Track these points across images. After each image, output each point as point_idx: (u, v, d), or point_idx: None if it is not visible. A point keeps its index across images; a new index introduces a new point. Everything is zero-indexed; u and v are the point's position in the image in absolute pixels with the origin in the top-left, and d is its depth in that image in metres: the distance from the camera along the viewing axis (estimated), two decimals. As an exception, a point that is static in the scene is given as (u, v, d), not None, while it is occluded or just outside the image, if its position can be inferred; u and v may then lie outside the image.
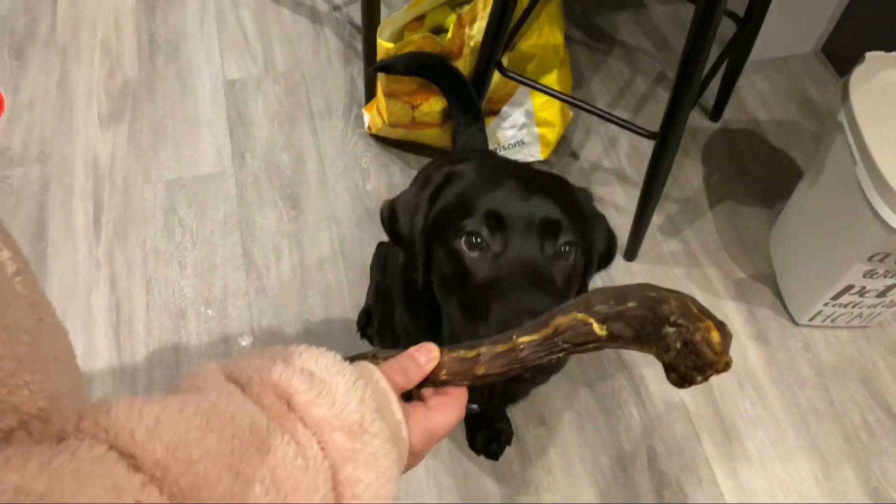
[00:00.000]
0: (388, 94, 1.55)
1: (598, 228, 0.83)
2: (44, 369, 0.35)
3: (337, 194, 1.67)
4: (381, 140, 1.76)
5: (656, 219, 1.64)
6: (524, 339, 0.50)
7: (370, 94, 1.74)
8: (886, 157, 1.17)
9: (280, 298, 1.51)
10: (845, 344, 1.52)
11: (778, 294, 1.57)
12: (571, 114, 1.72)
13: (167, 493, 0.34)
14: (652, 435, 1.39)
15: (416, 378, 0.52)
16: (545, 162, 1.72)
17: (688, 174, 1.76)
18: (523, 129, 1.65)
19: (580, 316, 0.48)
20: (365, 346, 1.45)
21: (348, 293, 1.52)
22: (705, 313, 0.45)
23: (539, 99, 1.60)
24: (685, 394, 1.43)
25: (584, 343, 0.49)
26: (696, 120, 1.85)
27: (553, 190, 0.76)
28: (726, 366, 0.45)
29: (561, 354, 0.50)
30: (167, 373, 1.41)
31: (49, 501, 0.29)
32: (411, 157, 1.74)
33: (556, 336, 0.49)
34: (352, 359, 0.51)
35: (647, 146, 1.37)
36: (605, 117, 1.39)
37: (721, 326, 0.45)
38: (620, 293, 0.48)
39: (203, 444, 0.37)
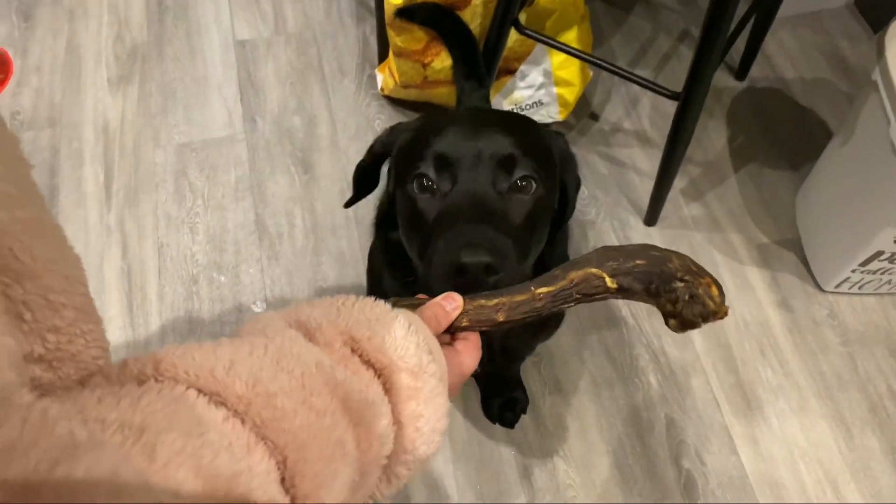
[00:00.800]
0: (398, 54, 1.50)
1: (570, 170, 0.81)
2: (96, 320, 0.37)
3: (350, 158, 1.64)
4: (395, 101, 1.72)
5: (678, 182, 1.60)
6: (542, 289, 0.56)
7: (383, 53, 1.69)
8: (923, 118, 1.11)
9: (293, 265, 1.49)
10: (872, 311, 1.47)
11: (803, 260, 1.52)
12: (591, 73, 1.66)
13: (250, 425, 0.38)
14: (670, 403, 1.36)
15: (444, 324, 0.56)
16: (564, 123, 1.67)
17: (711, 136, 1.70)
18: (541, 89, 1.60)
19: (593, 270, 0.55)
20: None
21: (362, 259, 1.49)
22: (703, 270, 0.53)
23: (558, 58, 1.55)
24: (706, 362, 1.40)
25: (595, 294, 0.55)
26: (721, 79, 1.78)
27: (511, 127, 0.74)
28: (725, 314, 0.52)
29: (573, 304, 0.56)
30: (180, 340, 1.40)
31: (147, 434, 0.32)
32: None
33: (570, 287, 0.55)
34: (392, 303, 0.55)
35: (670, 107, 1.32)
36: (627, 77, 1.34)
37: (717, 282, 0.53)
38: (628, 251, 0.55)
39: (277, 381, 0.40)
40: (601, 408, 1.35)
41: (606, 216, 1.58)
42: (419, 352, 0.48)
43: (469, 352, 0.58)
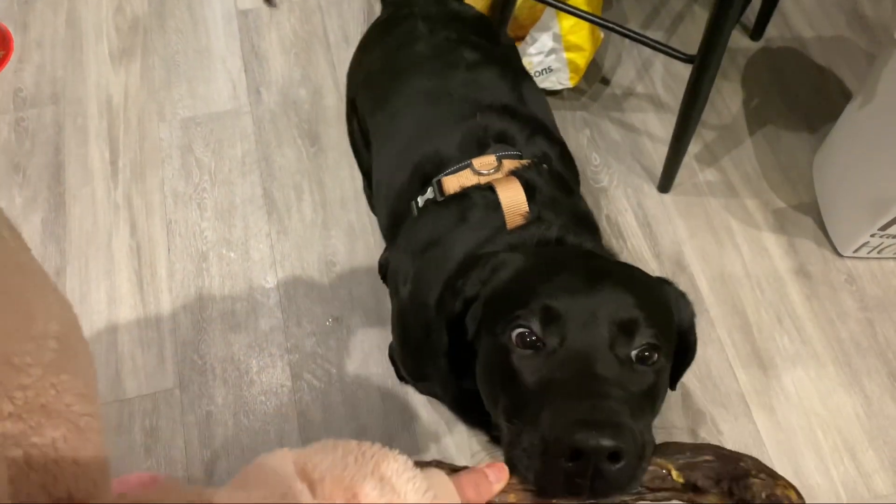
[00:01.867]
0: (407, 21, 1.46)
1: (686, 316, 0.71)
2: (72, 369, 0.36)
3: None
4: (402, 70, 1.68)
5: (692, 147, 1.56)
6: None
7: (388, 22, 1.65)
8: (949, 77, 1.07)
9: (302, 239, 1.48)
10: (892, 276, 1.45)
11: (821, 225, 1.49)
12: (602, 36, 1.62)
13: None
14: (687, 372, 1.34)
15: (485, 495, 0.51)
16: (574, 89, 1.63)
17: (726, 99, 1.66)
18: (551, 54, 1.56)
19: (658, 461, 0.50)
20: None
21: (371, 232, 1.48)
22: (776, 472, 0.51)
23: (567, 21, 1.50)
24: (721, 330, 1.38)
25: (660, 489, 0.50)
26: (736, 39, 1.73)
27: (625, 278, 0.65)
28: None
29: (637, 498, 0.51)
30: (191, 316, 1.39)
31: None
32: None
33: None
34: (422, 464, 0.50)
35: (684, 70, 1.29)
36: (639, 39, 1.30)
37: (792, 484, 0.50)
38: (694, 446, 0.52)
39: None
40: (616, 378, 1.34)
41: (620, 183, 1.55)
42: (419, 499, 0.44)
43: None
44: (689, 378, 1.34)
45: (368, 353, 1.35)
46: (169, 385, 1.32)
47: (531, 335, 0.60)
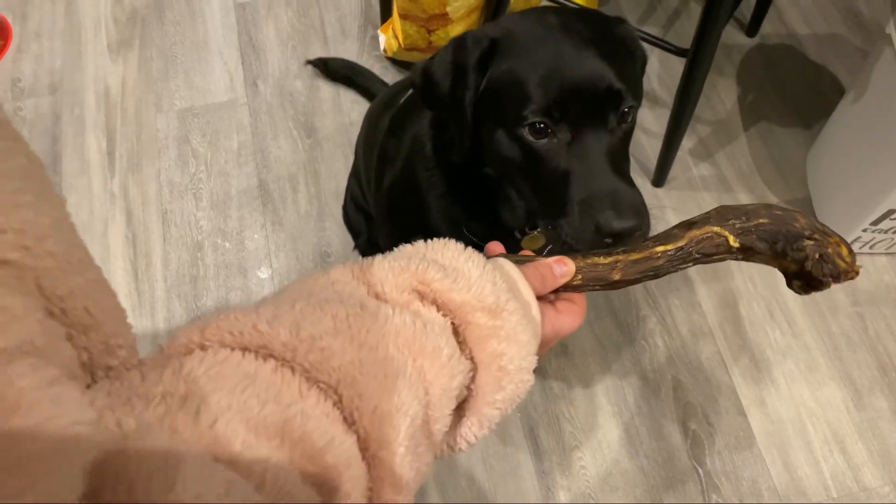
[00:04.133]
0: (404, 16, 1.47)
1: (640, 57, 0.77)
2: (136, 352, 0.38)
3: (353, 121, 1.62)
4: (398, 63, 1.69)
5: (686, 142, 1.57)
6: (660, 248, 0.53)
7: (386, 14, 1.66)
8: (939, 71, 1.08)
9: (297, 230, 1.49)
10: (883, 271, 1.45)
11: (813, 219, 1.50)
12: (598, 31, 1.63)
13: (299, 370, 0.38)
14: (677, 365, 1.36)
15: (550, 286, 0.54)
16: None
17: (721, 94, 1.67)
18: (546, 48, 1.56)
19: (716, 229, 0.52)
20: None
21: (366, 224, 1.48)
22: (830, 230, 0.51)
23: (563, 16, 1.51)
24: (713, 323, 1.39)
25: (715, 254, 0.53)
26: (731, 35, 1.74)
27: (603, 44, 0.69)
28: (857, 273, 0.50)
29: (691, 264, 0.54)
30: (185, 305, 1.40)
31: (190, 400, 0.34)
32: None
33: (690, 246, 0.53)
34: (490, 258, 0.54)
35: (679, 64, 1.29)
36: (633, 34, 1.31)
37: (846, 241, 0.50)
38: (749, 210, 0.52)
39: (321, 325, 0.40)
40: (607, 370, 1.35)
41: (613, 177, 1.55)
42: (496, 290, 0.46)
43: (570, 312, 0.55)
44: (681, 370, 1.35)
45: (362, 343, 1.35)
46: (163, 373, 1.33)
47: (543, 126, 0.67)
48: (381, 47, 1.67)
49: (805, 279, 0.51)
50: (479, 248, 0.53)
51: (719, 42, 1.22)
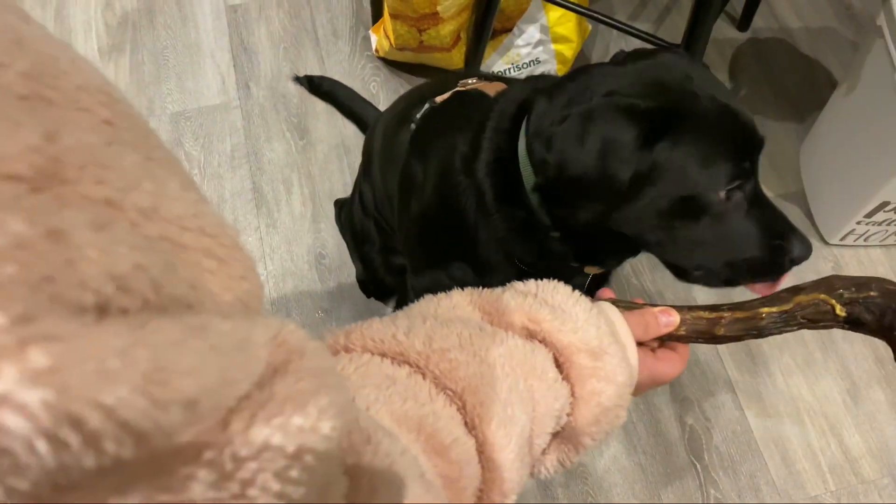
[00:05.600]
0: (395, 16, 1.47)
1: None
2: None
3: (346, 122, 1.61)
4: (390, 63, 1.69)
5: (680, 137, 1.57)
6: (766, 309, 0.55)
7: (377, 14, 1.66)
8: (930, 62, 1.08)
9: (291, 232, 1.48)
10: (878, 263, 1.46)
11: (808, 213, 1.50)
12: (590, 28, 1.63)
13: (430, 377, 0.44)
14: (674, 361, 1.35)
15: (652, 334, 0.57)
16: (562, 81, 1.63)
17: (714, 89, 1.66)
18: (539, 46, 1.56)
19: (822, 296, 0.53)
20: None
21: (361, 224, 1.48)
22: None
23: (554, 13, 1.51)
24: (709, 318, 1.39)
25: (820, 321, 0.54)
26: (724, 30, 1.74)
27: (727, 93, 0.70)
28: None
29: (795, 328, 0.55)
30: (181, 310, 1.40)
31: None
32: (422, 81, 1.67)
33: (796, 311, 0.54)
34: (595, 300, 0.57)
35: (670, 60, 1.29)
36: (625, 30, 1.31)
37: None
38: (861, 281, 0.53)
39: (448, 340, 0.46)
40: (604, 367, 1.35)
41: (607, 174, 1.55)
42: (599, 335, 0.50)
43: (670, 361, 0.58)
44: (677, 366, 1.34)
45: (358, 344, 1.35)
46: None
47: (738, 189, 0.67)
48: (373, 47, 1.66)
49: None
50: (530, 275, 0.56)
51: (711, 37, 1.22)
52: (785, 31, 1.75)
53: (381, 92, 1.66)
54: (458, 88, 0.92)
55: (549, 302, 0.51)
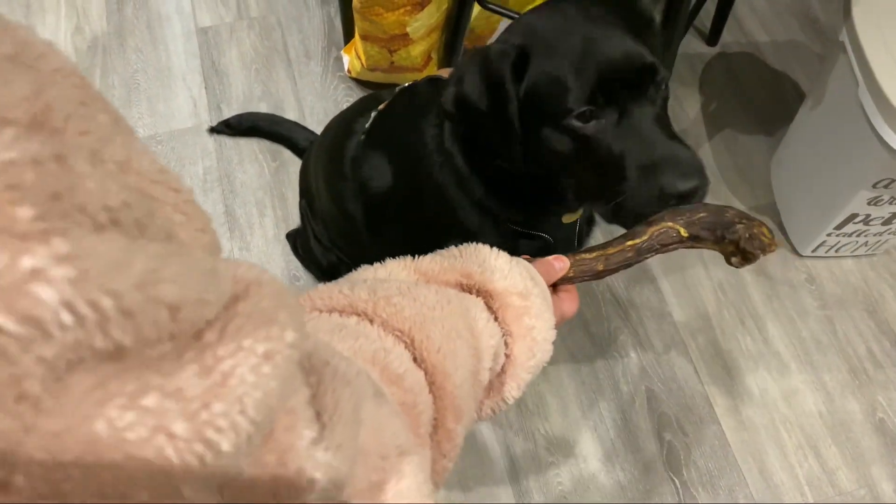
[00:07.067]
0: (365, 37, 1.47)
1: (656, 27, 0.79)
2: None
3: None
4: (363, 83, 1.69)
5: (652, 153, 1.58)
6: (630, 242, 0.65)
7: (348, 35, 1.66)
8: (891, 78, 1.10)
9: (265, 255, 1.47)
10: (850, 274, 1.47)
11: (779, 225, 1.51)
12: (560, 45, 1.64)
13: (378, 321, 0.48)
14: (650, 376, 1.36)
15: (552, 279, 0.65)
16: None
17: (684, 103, 1.68)
18: (509, 64, 1.57)
19: (668, 224, 0.64)
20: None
21: (335, 246, 1.47)
22: (753, 216, 0.63)
23: (524, 31, 1.52)
24: (685, 332, 1.39)
25: (670, 244, 0.64)
26: (693, 45, 1.76)
27: (627, 22, 0.71)
28: (776, 246, 0.62)
29: (653, 254, 0.65)
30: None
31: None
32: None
33: (651, 239, 0.64)
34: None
35: (638, 77, 1.30)
36: (593, 48, 1.31)
37: (765, 224, 0.62)
38: (691, 208, 0.64)
39: (391, 289, 0.51)
40: (581, 384, 1.35)
41: (581, 190, 1.56)
42: (523, 279, 0.57)
43: (569, 299, 0.66)
44: (654, 382, 1.35)
45: (333, 367, 1.34)
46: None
47: (590, 113, 0.70)
48: (346, 68, 1.66)
49: (741, 255, 0.62)
50: (522, 235, 0.71)
51: (681, 52, 1.24)
52: (753, 46, 1.77)
53: (354, 112, 1.65)
54: (401, 87, 0.95)
55: (474, 259, 0.58)
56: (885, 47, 1.12)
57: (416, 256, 0.59)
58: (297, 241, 1.40)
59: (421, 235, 0.93)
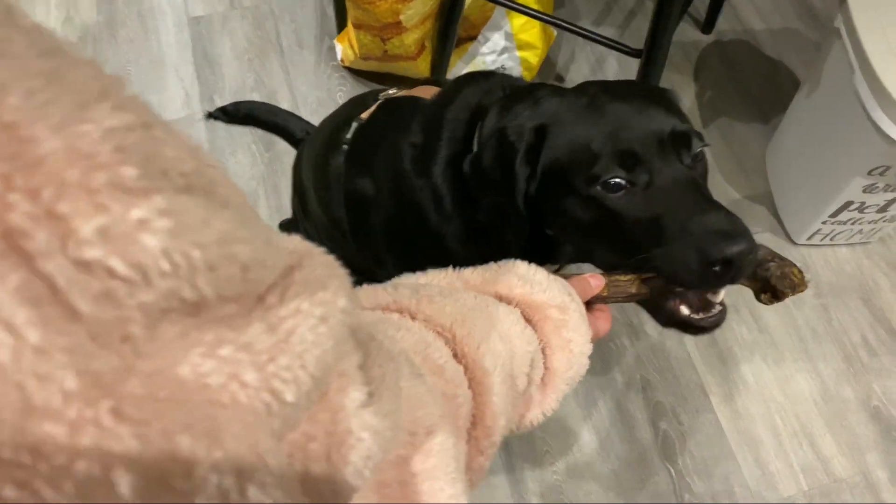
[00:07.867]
0: (358, 26, 1.46)
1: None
2: None
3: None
4: (356, 72, 1.67)
5: (647, 141, 1.57)
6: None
7: (341, 24, 1.64)
8: (886, 65, 1.09)
9: (259, 246, 1.46)
10: (845, 262, 1.47)
11: (775, 214, 1.51)
12: (555, 34, 1.63)
13: (420, 318, 0.50)
14: (645, 365, 1.36)
15: (587, 296, 0.64)
16: (529, 87, 1.63)
17: (679, 92, 1.67)
18: (504, 53, 1.56)
19: None
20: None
21: (329, 236, 1.47)
22: (784, 257, 0.65)
23: (518, 20, 1.51)
24: (679, 322, 1.39)
25: None
26: (688, 33, 1.75)
27: (659, 100, 0.70)
28: (806, 286, 0.64)
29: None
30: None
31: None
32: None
33: None
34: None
35: (637, 65, 1.29)
36: (586, 35, 1.31)
37: (796, 265, 0.64)
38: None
39: (431, 290, 0.53)
40: (576, 373, 1.34)
41: (576, 180, 1.55)
42: (561, 294, 0.58)
43: (603, 318, 0.67)
44: (649, 370, 1.34)
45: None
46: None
47: (619, 180, 0.66)
48: (339, 57, 1.65)
49: (772, 292, 0.65)
50: None
51: (675, 39, 1.23)
52: (748, 33, 1.76)
53: (348, 102, 1.64)
54: (380, 100, 0.94)
55: (514, 272, 0.59)
56: (880, 34, 1.11)
57: (457, 268, 0.60)
58: (291, 233, 1.39)
59: (406, 250, 0.92)
